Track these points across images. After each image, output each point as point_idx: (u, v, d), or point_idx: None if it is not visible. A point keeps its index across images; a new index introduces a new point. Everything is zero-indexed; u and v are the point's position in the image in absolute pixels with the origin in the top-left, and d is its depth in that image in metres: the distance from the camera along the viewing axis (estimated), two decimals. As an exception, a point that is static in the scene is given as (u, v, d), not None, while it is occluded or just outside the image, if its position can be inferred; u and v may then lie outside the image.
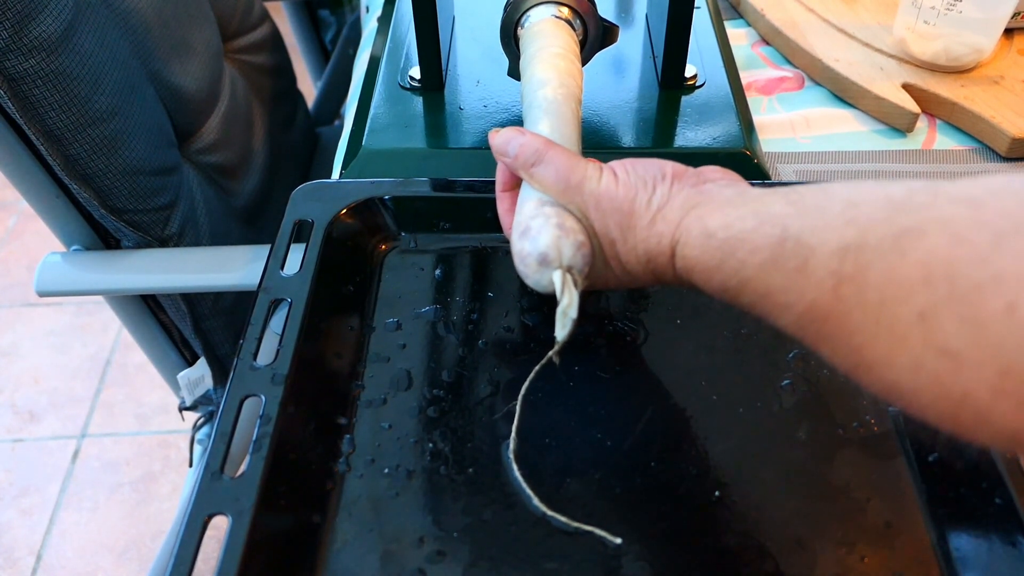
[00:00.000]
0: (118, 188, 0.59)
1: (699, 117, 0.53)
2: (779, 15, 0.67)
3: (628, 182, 0.34)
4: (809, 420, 0.38)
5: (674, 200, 0.33)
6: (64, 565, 1.07)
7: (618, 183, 0.35)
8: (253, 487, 0.32)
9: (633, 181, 0.34)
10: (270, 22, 0.90)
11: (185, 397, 0.75)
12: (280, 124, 0.90)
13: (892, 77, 0.59)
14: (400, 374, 0.40)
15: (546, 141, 0.37)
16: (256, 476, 0.32)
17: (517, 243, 0.36)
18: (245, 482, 0.32)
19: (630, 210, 0.34)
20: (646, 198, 0.34)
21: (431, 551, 0.33)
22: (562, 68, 0.43)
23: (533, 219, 0.35)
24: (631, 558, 0.33)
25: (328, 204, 0.45)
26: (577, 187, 0.35)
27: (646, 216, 0.33)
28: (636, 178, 0.35)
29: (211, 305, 0.69)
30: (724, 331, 0.41)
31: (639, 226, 0.34)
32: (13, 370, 1.32)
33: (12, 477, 1.17)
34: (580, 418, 0.38)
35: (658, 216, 0.33)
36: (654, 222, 0.33)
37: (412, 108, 0.54)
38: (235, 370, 0.36)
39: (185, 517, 0.31)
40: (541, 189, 0.36)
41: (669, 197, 0.33)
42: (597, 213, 0.35)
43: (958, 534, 0.34)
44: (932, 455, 0.36)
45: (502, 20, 0.47)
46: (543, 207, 0.36)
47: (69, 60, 0.53)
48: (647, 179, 0.34)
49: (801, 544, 0.33)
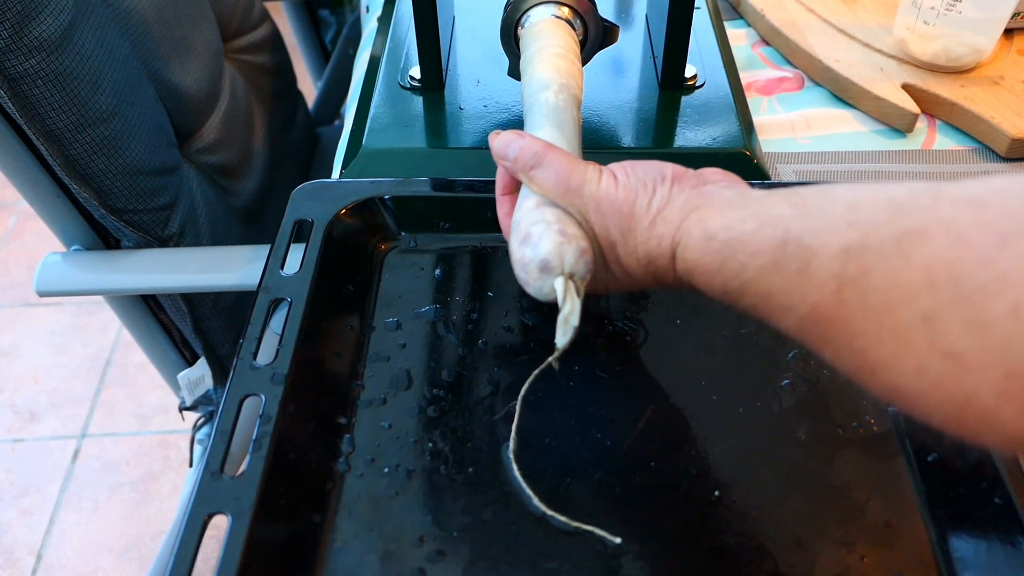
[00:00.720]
0: (118, 188, 0.59)
1: (699, 117, 0.53)
2: (779, 15, 0.67)
3: (628, 184, 0.34)
4: (809, 420, 0.38)
5: (674, 202, 0.33)
6: (64, 565, 1.07)
7: (618, 185, 0.34)
8: (253, 486, 0.32)
9: (633, 183, 0.34)
10: (270, 22, 0.90)
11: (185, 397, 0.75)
12: (280, 124, 0.90)
13: (892, 77, 0.59)
14: (400, 374, 0.40)
15: (545, 144, 0.37)
16: (256, 475, 0.32)
17: (517, 250, 0.36)
18: (245, 481, 0.32)
19: (630, 212, 0.34)
20: (646, 200, 0.34)
21: (431, 551, 0.33)
22: (562, 69, 0.42)
23: (534, 225, 0.35)
24: (631, 558, 0.33)
25: (328, 204, 0.45)
26: (577, 190, 0.35)
27: (646, 218, 0.33)
28: (636, 180, 0.34)
29: (211, 305, 0.69)
30: (724, 331, 0.41)
31: (639, 228, 0.34)
32: (13, 370, 1.32)
33: (12, 477, 1.17)
34: (580, 418, 0.38)
35: (658, 218, 0.33)
36: (654, 224, 0.33)
37: (412, 108, 0.54)
38: (235, 369, 0.36)
39: (185, 516, 0.31)
40: (540, 192, 0.36)
41: (669, 199, 0.33)
42: (597, 216, 0.35)
43: (958, 534, 0.34)
44: (932, 455, 0.36)
45: (502, 20, 0.47)
46: (543, 212, 0.35)
47: (69, 60, 0.53)
48: (647, 181, 0.34)
49: (801, 544, 0.33)
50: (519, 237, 0.36)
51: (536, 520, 0.34)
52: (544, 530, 0.34)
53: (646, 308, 0.43)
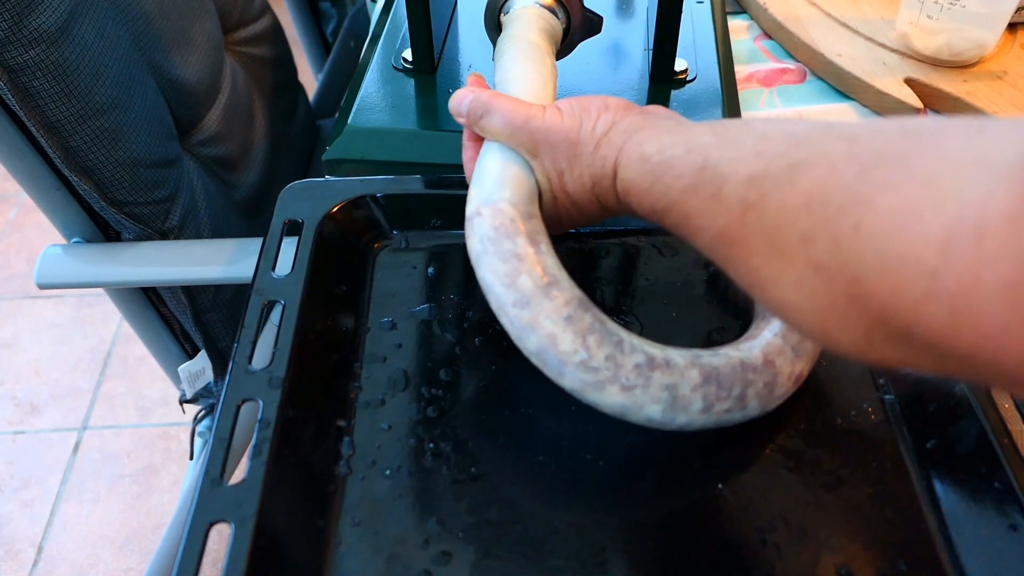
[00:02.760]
0: (118, 180, 0.59)
1: (684, 112, 0.52)
2: (781, 9, 0.66)
3: (573, 113, 0.36)
4: (807, 410, 0.38)
5: (618, 126, 0.35)
6: (65, 557, 1.07)
7: (563, 116, 0.36)
8: (255, 493, 0.32)
9: (577, 112, 0.36)
10: (271, 14, 0.90)
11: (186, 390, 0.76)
12: (281, 116, 0.90)
13: (894, 72, 0.59)
14: (397, 374, 0.40)
15: (493, 93, 0.38)
16: (257, 482, 0.32)
17: None
18: (246, 488, 0.32)
19: (576, 139, 0.36)
20: (591, 126, 0.36)
21: (437, 552, 0.33)
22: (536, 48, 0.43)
23: None
24: (636, 553, 0.33)
25: (318, 203, 0.45)
26: (523, 126, 0.37)
27: (591, 143, 0.35)
28: (580, 109, 0.36)
29: (212, 297, 0.69)
30: (721, 322, 0.41)
31: (584, 153, 0.36)
32: (14, 362, 1.32)
33: (13, 469, 1.17)
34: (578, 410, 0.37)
35: (603, 140, 0.35)
36: (599, 146, 0.35)
37: (402, 89, 0.54)
38: (230, 374, 0.36)
39: (187, 527, 0.31)
40: (494, 138, 0.38)
41: (613, 123, 0.35)
42: (545, 146, 0.37)
43: (958, 520, 0.34)
44: (931, 441, 0.36)
45: (486, 5, 0.48)
46: None
47: (69, 51, 0.53)
48: (591, 110, 0.36)
49: (802, 533, 0.33)
50: None
51: (542, 519, 0.34)
52: (550, 528, 0.33)
53: (642, 300, 0.43)
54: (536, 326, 0.32)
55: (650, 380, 0.32)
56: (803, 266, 0.25)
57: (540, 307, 0.32)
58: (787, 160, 0.26)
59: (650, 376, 0.32)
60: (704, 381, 0.33)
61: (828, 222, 0.24)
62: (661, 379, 0.32)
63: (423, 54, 0.54)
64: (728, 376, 0.33)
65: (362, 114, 0.52)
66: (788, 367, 0.35)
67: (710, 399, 0.33)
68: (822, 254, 0.25)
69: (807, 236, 0.25)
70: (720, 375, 0.33)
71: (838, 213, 0.24)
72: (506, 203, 0.35)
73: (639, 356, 0.32)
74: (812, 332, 0.27)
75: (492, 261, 0.34)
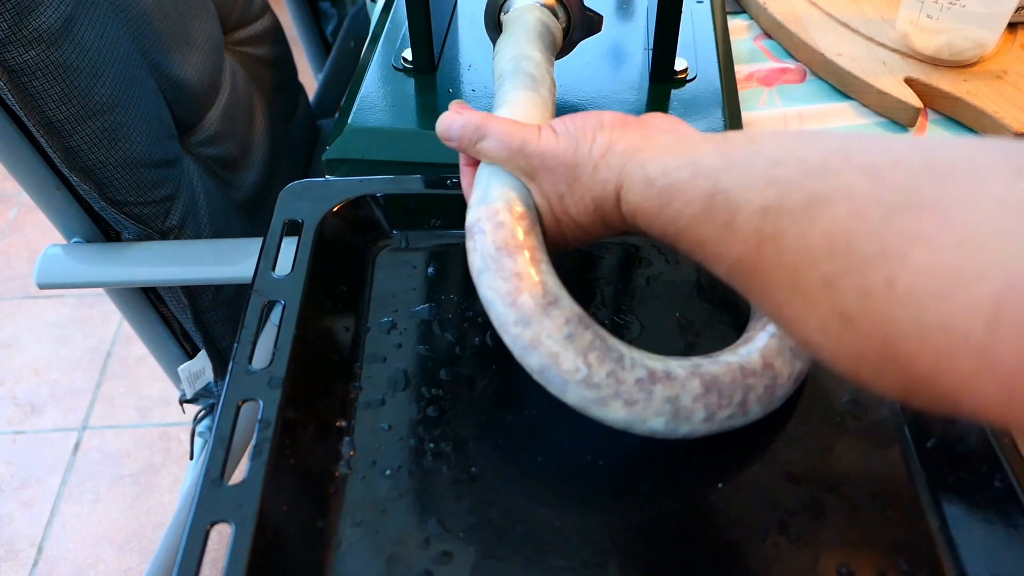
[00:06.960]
0: (118, 180, 0.59)
1: (684, 111, 0.53)
2: (781, 9, 0.66)
3: (568, 134, 0.35)
4: (808, 409, 0.38)
5: (616, 146, 0.34)
6: (65, 557, 1.07)
7: (558, 138, 0.36)
8: (255, 494, 0.32)
9: (573, 133, 0.35)
10: (271, 14, 0.90)
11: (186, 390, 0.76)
12: (281, 116, 0.90)
13: (894, 72, 0.59)
14: (397, 374, 0.40)
15: (485, 115, 0.37)
16: (257, 482, 0.32)
17: None
18: (246, 489, 0.32)
19: (573, 162, 0.35)
20: (587, 148, 0.35)
21: (437, 552, 0.33)
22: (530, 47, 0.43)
23: None
24: (637, 553, 0.33)
25: (318, 203, 0.45)
26: (519, 150, 0.36)
27: (588, 165, 0.34)
28: (575, 129, 0.36)
29: (212, 297, 0.69)
30: (720, 323, 0.41)
31: (583, 176, 0.35)
32: (14, 362, 1.32)
33: (13, 469, 1.17)
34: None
35: (601, 162, 0.34)
36: (597, 169, 0.34)
37: (402, 89, 0.54)
38: (231, 374, 0.36)
39: (187, 527, 0.31)
40: (490, 161, 0.37)
41: (610, 143, 0.34)
42: (543, 170, 0.36)
43: (959, 519, 0.34)
44: (931, 440, 0.36)
45: (486, 5, 0.48)
46: None
47: (69, 52, 0.53)
48: (586, 130, 0.35)
49: (802, 532, 0.33)
50: None
51: (543, 519, 0.34)
52: (551, 528, 0.33)
53: (642, 300, 0.43)
54: (538, 345, 0.33)
55: (652, 394, 0.32)
56: (827, 311, 0.24)
57: (541, 326, 0.33)
58: (804, 193, 0.25)
59: (651, 390, 0.32)
60: (705, 391, 0.33)
61: (854, 271, 0.23)
62: (663, 392, 0.32)
63: (423, 54, 0.54)
64: (729, 384, 0.33)
65: (362, 114, 0.52)
66: (787, 368, 0.35)
67: (712, 408, 0.33)
68: (848, 303, 0.23)
69: (830, 281, 0.24)
70: (720, 383, 0.33)
71: (865, 264, 0.23)
72: (507, 218, 0.35)
73: (640, 371, 0.32)
74: (846, 375, 0.25)
75: (493, 279, 0.34)
